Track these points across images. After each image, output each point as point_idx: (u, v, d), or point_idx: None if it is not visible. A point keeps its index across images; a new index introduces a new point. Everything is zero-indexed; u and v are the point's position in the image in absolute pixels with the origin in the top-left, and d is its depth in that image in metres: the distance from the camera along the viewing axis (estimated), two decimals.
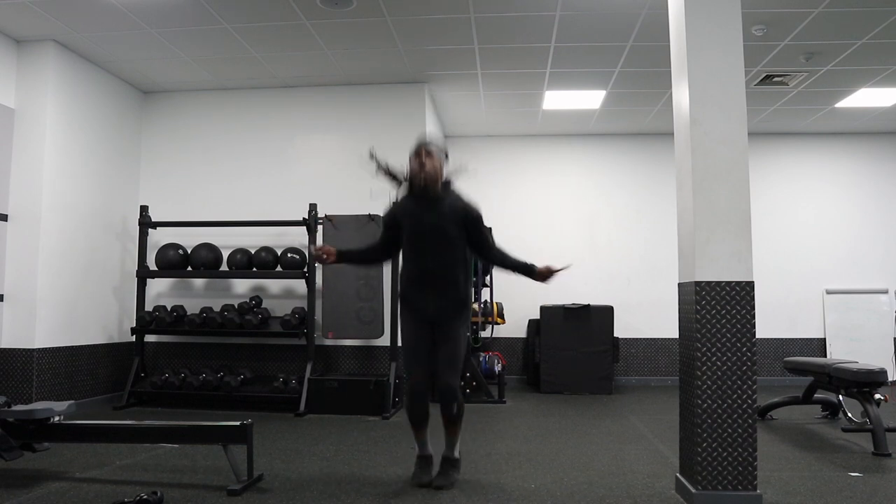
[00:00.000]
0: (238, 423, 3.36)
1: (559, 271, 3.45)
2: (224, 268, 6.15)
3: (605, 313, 7.17)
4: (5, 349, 5.34)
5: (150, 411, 5.68)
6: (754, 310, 3.06)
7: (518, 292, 7.86)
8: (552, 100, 7.04)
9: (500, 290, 7.44)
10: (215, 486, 3.34)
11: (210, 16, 5.09)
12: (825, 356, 7.87)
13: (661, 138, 8.07)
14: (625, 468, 3.79)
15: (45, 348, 5.40)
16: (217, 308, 6.13)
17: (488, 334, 7.25)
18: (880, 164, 8.19)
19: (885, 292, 7.96)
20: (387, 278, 5.95)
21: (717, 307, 3.06)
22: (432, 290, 3.40)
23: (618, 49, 5.67)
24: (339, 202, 6.20)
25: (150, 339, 6.37)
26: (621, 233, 8.21)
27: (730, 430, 3.00)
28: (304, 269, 6.00)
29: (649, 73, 6.20)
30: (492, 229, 6.40)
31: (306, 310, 5.96)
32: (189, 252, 6.16)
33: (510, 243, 3.64)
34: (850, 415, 4.91)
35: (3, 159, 5.43)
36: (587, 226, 8.24)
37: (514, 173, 8.36)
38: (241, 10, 5.03)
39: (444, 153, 3.53)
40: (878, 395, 4.39)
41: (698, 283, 3.08)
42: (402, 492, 3.30)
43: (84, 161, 5.95)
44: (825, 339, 7.99)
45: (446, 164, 3.53)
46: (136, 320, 6.10)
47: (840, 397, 4.97)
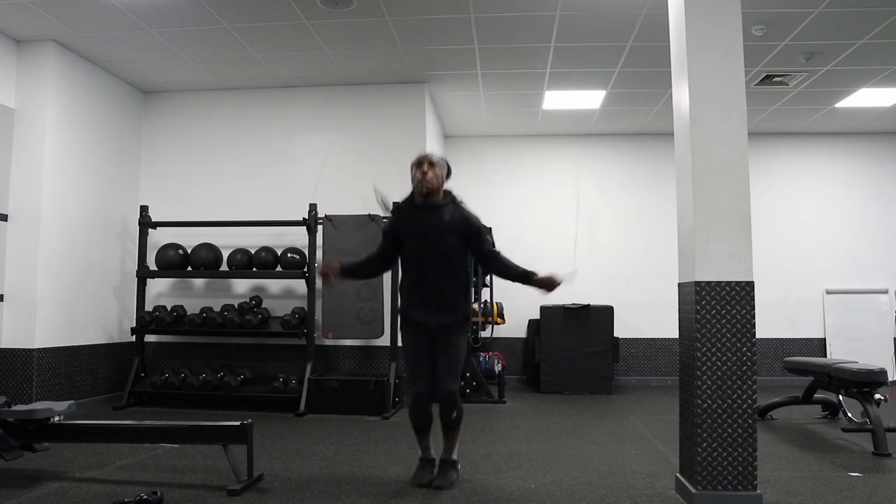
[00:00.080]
0: (238, 423, 3.36)
1: (560, 281, 3.33)
2: (224, 268, 6.16)
3: (605, 313, 7.17)
4: (5, 349, 5.34)
5: (150, 411, 5.68)
6: (754, 310, 3.06)
7: (518, 292, 7.74)
8: (552, 100, 7.03)
9: (500, 290, 7.42)
10: (215, 486, 3.34)
11: (210, 16, 5.09)
12: (825, 356, 7.87)
13: (661, 138, 8.07)
14: (625, 468, 3.79)
15: (45, 348, 5.41)
16: (217, 308, 6.13)
17: (488, 334, 7.25)
18: (880, 164, 8.19)
19: (885, 292, 7.96)
20: (387, 278, 5.94)
21: (717, 307, 3.06)
22: (433, 304, 3.40)
23: (618, 49, 5.67)
24: (339, 202, 6.20)
25: (150, 339, 6.38)
26: (621, 233, 8.22)
27: (730, 430, 3.00)
28: (304, 269, 6.00)
29: (649, 73, 6.20)
30: (491, 229, 6.42)
31: (306, 310, 5.96)
32: (189, 252, 6.16)
33: (510, 243, 3.65)
34: (850, 415, 4.91)
35: (3, 159, 5.44)
36: (587, 226, 8.24)
37: (514, 173, 8.36)
38: (241, 10, 5.03)
39: (446, 164, 3.54)
40: (878, 395, 4.39)
41: (698, 283, 3.08)
42: (402, 492, 3.30)
43: (84, 161, 5.95)
44: (825, 339, 7.99)
45: (448, 175, 3.55)
46: (136, 320, 6.10)
47: (840, 397, 4.97)
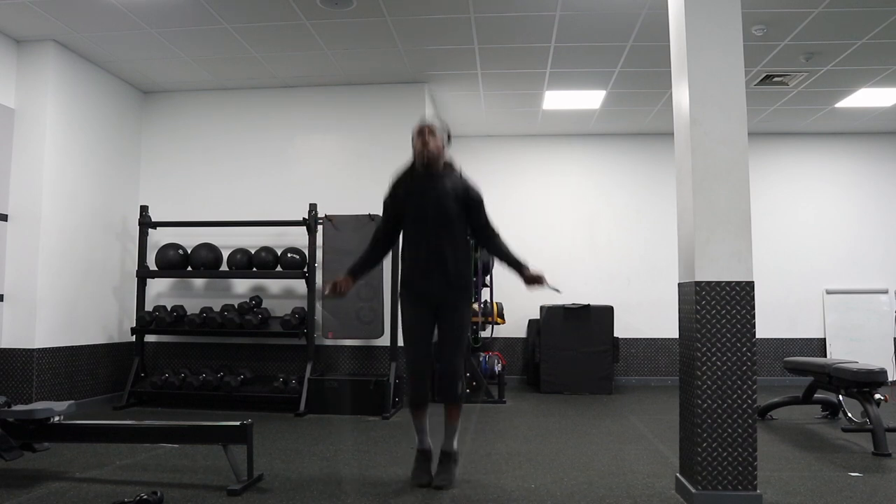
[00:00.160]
0: (238, 423, 3.36)
1: (546, 284, 3.34)
2: (224, 268, 6.16)
3: (605, 313, 7.17)
4: (5, 349, 5.34)
5: (150, 411, 5.68)
6: (754, 310, 3.06)
7: (518, 292, 7.82)
8: (552, 100, 7.03)
9: (500, 290, 7.43)
10: (215, 486, 3.34)
11: (210, 16, 5.09)
12: (825, 356, 7.87)
13: (661, 138, 8.07)
14: (625, 468, 3.79)
15: (45, 348, 5.41)
16: (217, 308, 6.13)
17: (488, 334, 7.25)
18: (880, 164, 8.19)
19: (885, 292, 7.96)
20: (387, 278, 5.95)
21: (717, 307, 3.05)
22: (434, 270, 3.32)
23: (618, 49, 5.67)
24: (339, 202, 6.20)
25: (150, 339, 6.37)
26: (621, 233, 8.22)
27: (730, 430, 3.00)
28: (304, 269, 6.00)
29: (649, 73, 6.20)
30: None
31: (306, 310, 5.96)
32: (189, 252, 6.16)
33: (509, 241, 3.62)
34: (850, 415, 4.91)
35: (3, 159, 5.44)
36: (587, 226, 8.24)
37: (514, 173, 8.36)
38: (241, 10, 5.03)
39: (446, 133, 3.49)
40: (878, 395, 4.39)
41: (698, 283, 3.08)
42: (402, 492, 3.30)
43: (84, 161, 5.95)
44: (825, 339, 7.99)
45: (449, 143, 3.50)
46: (136, 320, 6.10)
47: (840, 397, 4.97)
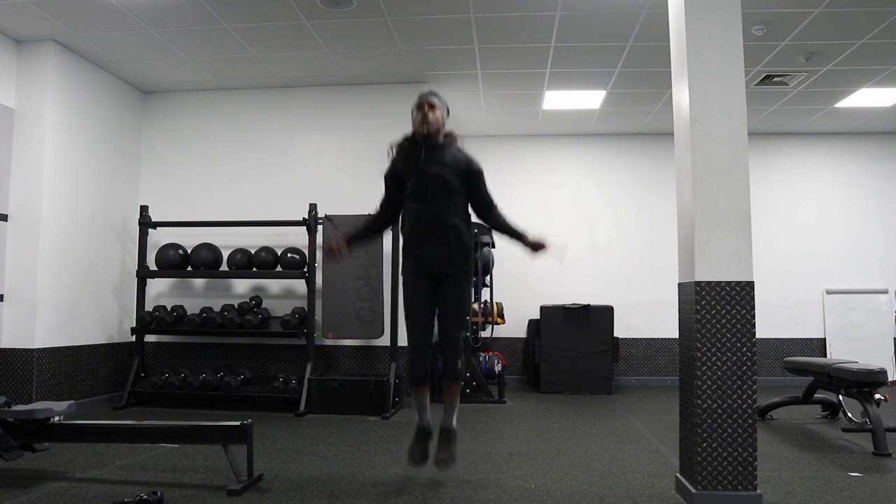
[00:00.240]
0: (238, 423, 3.36)
1: (551, 249, 3.31)
2: (224, 268, 6.16)
3: (605, 313, 7.16)
4: (5, 349, 5.34)
5: (150, 411, 5.68)
6: (754, 310, 3.06)
7: (518, 292, 7.88)
8: (552, 100, 7.03)
9: (501, 290, 7.44)
10: (215, 486, 3.34)
11: (210, 16, 5.09)
12: (825, 356, 7.87)
13: (661, 138, 8.07)
14: (625, 468, 3.79)
15: (45, 348, 5.41)
16: (217, 308, 6.13)
17: (488, 334, 7.25)
18: (880, 164, 8.19)
19: (885, 292, 7.96)
20: (387, 278, 5.95)
21: (717, 307, 3.06)
22: (434, 243, 3.31)
23: (618, 49, 5.67)
24: (339, 202, 6.20)
25: (150, 339, 6.37)
26: (621, 233, 8.22)
27: (730, 430, 3.00)
28: (304, 269, 6.00)
29: (649, 73, 6.20)
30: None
31: (306, 310, 5.96)
32: (189, 252, 6.16)
33: (510, 243, 3.61)
34: (850, 415, 4.91)
35: (3, 159, 5.44)
36: (587, 226, 8.24)
37: (514, 173, 8.36)
38: (241, 10, 5.03)
39: (446, 105, 3.50)
40: (878, 395, 4.39)
41: (698, 283, 3.08)
42: (402, 492, 3.30)
43: (84, 161, 5.95)
44: (825, 339, 7.99)
45: (447, 117, 3.50)
46: (136, 320, 6.10)
47: (840, 397, 4.97)
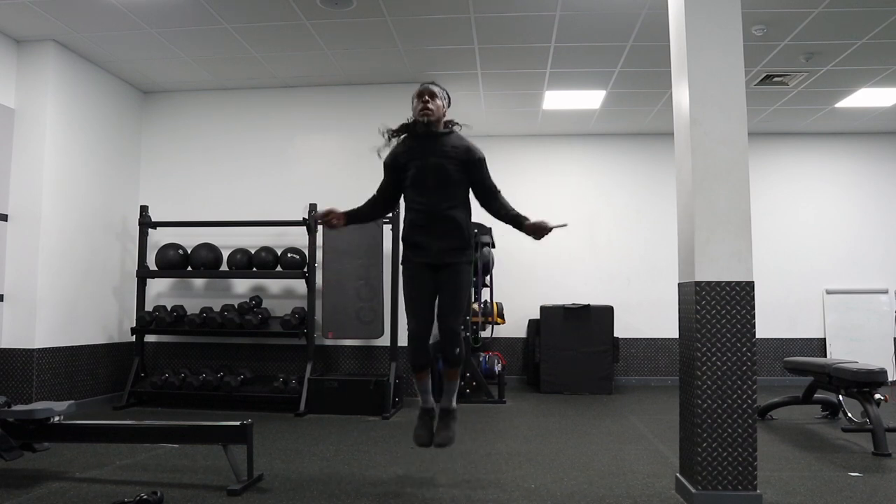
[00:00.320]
0: (238, 423, 3.36)
1: (553, 228, 3.25)
2: (224, 268, 6.15)
3: (605, 313, 7.16)
4: (5, 349, 5.34)
5: (150, 411, 5.68)
6: (754, 310, 3.06)
7: (518, 292, 7.88)
8: (552, 100, 7.03)
9: (501, 290, 7.44)
10: (215, 486, 3.34)
11: (210, 16, 5.09)
12: (825, 356, 7.87)
13: (661, 138, 8.07)
14: (625, 468, 3.79)
15: (45, 348, 5.41)
16: (217, 308, 6.12)
17: (488, 334, 7.25)
18: (880, 164, 8.19)
19: (885, 292, 7.96)
20: (387, 278, 5.95)
21: (717, 307, 3.06)
22: (435, 230, 3.33)
23: (618, 49, 5.67)
24: (339, 202, 6.16)
25: (150, 339, 6.37)
26: (621, 233, 8.21)
27: (730, 430, 3.00)
28: (304, 269, 6.00)
29: (649, 73, 6.20)
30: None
31: (306, 310, 5.96)
32: (189, 252, 6.16)
33: (510, 243, 3.63)
34: (850, 415, 4.91)
35: (3, 159, 5.43)
36: (587, 226, 8.24)
37: (514, 173, 8.35)
38: (241, 10, 5.03)
39: (446, 95, 3.50)
40: (878, 395, 4.39)
41: (698, 283, 3.08)
42: (402, 492, 3.30)
43: (84, 161, 5.95)
44: (825, 339, 7.99)
45: (448, 106, 3.51)
46: (136, 320, 6.10)
47: (840, 397, 4.97)
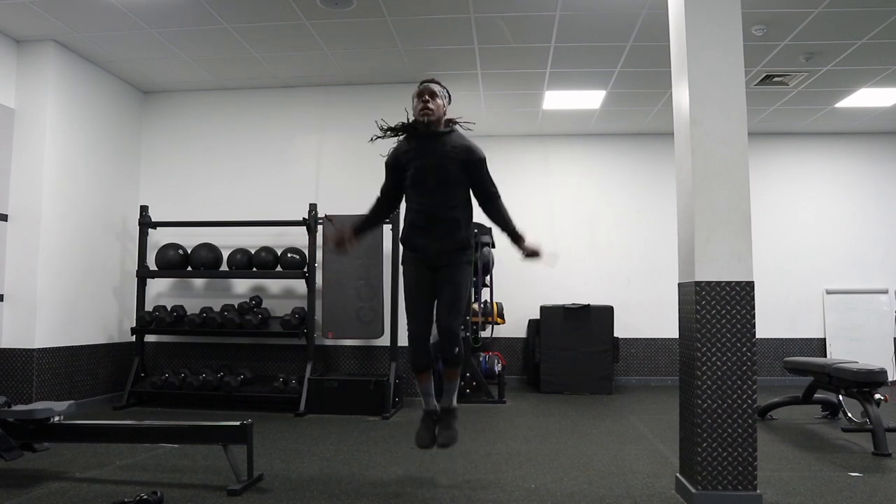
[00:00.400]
0: (238, 423, 3.36)
1: (544, 257, 3.33)
2: (224, 268, 6.15)
3: (605, 313, 7.16)
4: (5, 349, 5.34)
5: (150, 411, 5.68)
6: (754, 310, 3.06)
7: (518, 292, 7.88)
8: (552, 100, 7.03)
9: (501, 290, 7.44)
10: (215, 486, 3.34)
11: (210, 16, 5.09)
12: (825, 356, 7.87)
13: (661, 138, 8.07)
14: (625, 468, 3.79)
15: (45, 348, 5.41)
16: (217, 308, 6.12)
17: (488, 334, 7.25)
18: (880, 164, 8.19)
19: (885, 292, 7.96)
20: (387, 278, 5.95)
21: (717, 307, 3.06)
22: (434, 231, 3.32)
23: (618, 49, 5.67)
24: (339, 202, 6.20)
25: (150, 339, 6.37)
26: (621, 233, 8.22)
27: (730, 430, 3.00)
28: (304, 269, 6.00)
29: (649, 73, 6.20)
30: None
31: (306, 310, 5.96)
32: (189, 252, 6.16)
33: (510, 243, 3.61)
34: (850, 415, 4.91)
35: (3, 159, 5.43)
36: (587, 226, 8.24)
37: (514, 173, 8.35)
38: (241, 10, 5.03)
39: (447, 93, 3.48)
40: (878, 395, 4.39)
41: (698, 283, 3.08)
42: (402, 492, 3.30)
43: (84, 161, 5.95)
44: (825, 339, 7.99)
45: (448, 104, 3.49)
46: (136, 320, 6.10)
47: (840, 397, 4.97)
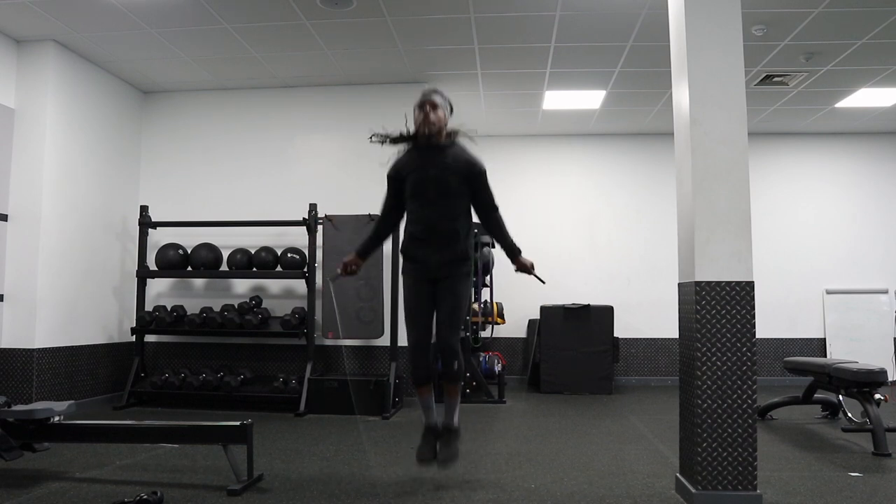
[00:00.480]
0: (238, 423, 3.36)
1: (535, 276, 3.48)
2: (224, 268, 6.15)
3: (605, 313, 7.16)
4: (5, 349, 5.34)
5: (150, 411, 5.68)
6: (754, 310, 3.06)
7: (518, 292, 7.86)
8: (552, 100, 7.03)
9: (500, 290, 7.43)
10: (215, 486, 3.34)
11: (210, 16, 5.09)
12: (825, 356, 7.87)
13: (661, 138, 8.07)
14: (625, 468, 3.79)
15: (45, 348, 5.41)
16: (217, 308, 6.12)
17: (488, 334, 7.25)
18: (880, 164, 8.19)
19: (885, 292, 7.96)
20: (387, 278, 5.95)
21: (717, 307, 3.05)
22: (434, 244, 3.30)
23: (618, 49, 5.67)
24: (339, 202, 6.20)
25: (150, 339, 6.37)
26: (621, 233, 8.22)
27: (730, 430, 3.00)
28: (304, 269, 6.00)
29: (649, 73, 6.20)
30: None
31: (306, 310, 5.96)
32: (189, 252, 6.16)
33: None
34: (850, 415, 4.91)
35: (3, 159, 5.43)
36: (587, 226, 8.24)
37: (514, 173, 8.36)
38: (241, 10, 5.03)
39: (448, 104, 3.45)
40: (878, 395, 4.39)
41: (698, 283, 3.08)
42: (402, 492, 3.30)
43: (84, 161, 5.95)
44: (825, 339, 7.99)
45: (451, 115, 3.46)
46: (136, 320, 6.10)
47: (840, 397, 4.97)
